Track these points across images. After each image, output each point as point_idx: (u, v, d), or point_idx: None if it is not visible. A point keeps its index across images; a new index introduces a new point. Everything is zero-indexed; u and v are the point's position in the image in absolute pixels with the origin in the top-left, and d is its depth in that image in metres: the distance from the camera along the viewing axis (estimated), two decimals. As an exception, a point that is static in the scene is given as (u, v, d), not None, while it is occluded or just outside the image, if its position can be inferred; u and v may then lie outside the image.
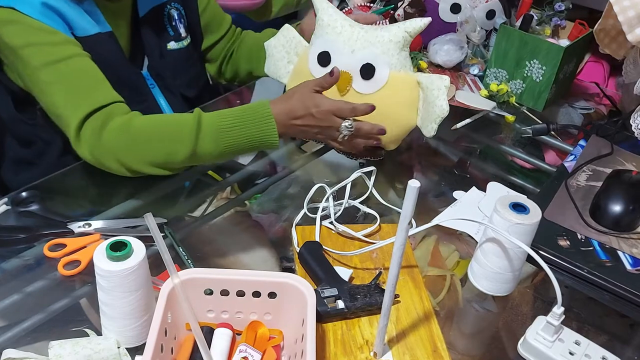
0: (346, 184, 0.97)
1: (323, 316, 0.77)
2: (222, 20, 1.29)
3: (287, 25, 1.11)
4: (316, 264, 0.83)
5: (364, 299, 0.78)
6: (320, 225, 0.93)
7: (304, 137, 1.08)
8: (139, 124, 0.94)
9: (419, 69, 1.36)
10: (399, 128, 1.04)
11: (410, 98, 1.02)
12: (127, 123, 0.93)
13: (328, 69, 1.03)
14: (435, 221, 0.93)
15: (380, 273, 0.83)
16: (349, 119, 0.96)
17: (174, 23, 1.19)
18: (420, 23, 0.99)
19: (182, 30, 1.20)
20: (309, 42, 1.09)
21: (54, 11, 0.97)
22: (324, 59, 1.04)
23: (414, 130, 1.06)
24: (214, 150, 0.93)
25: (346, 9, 1.39)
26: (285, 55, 1.12)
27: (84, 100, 0.94)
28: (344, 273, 0.84)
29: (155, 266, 0.75)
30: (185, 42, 1.21)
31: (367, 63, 1.01)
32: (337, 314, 0.77)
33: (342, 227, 0.92)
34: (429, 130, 1.01)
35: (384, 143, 1.07)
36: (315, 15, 1.08)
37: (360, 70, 1.01)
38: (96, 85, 0.97)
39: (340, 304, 0.78)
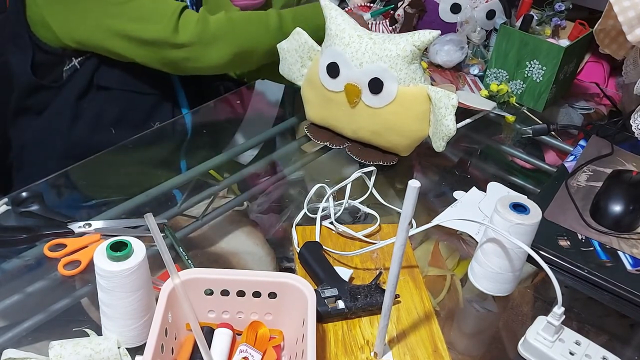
0: (346, 184, 0.97)
1: (323, 316, 0.77)
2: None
3: (298, 29, 1.11)
4: (316, 264, 0.83)
5: (365, 299, 0.78)
6: (321, 225, 0.93)
7: None
8: (235, 16, 1.12)
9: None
10: (410, 140, 1.05)
11: (421, 111, 1.02)
12: (225, 15, 1.10)
13: (337, 81, 1.04)
14: (435, 221, 0.94)
15: (380, 273, 0.83)
16: None
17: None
18: (429, 36, 0.97)
19: None
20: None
21: None
22: (332, 70, 1.04)
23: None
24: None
25: (346, 9, 1.39)
26: (299, 60, 1.12)
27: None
28: (344, 273, 0.84)
29: (156, 266, 0.75)
30: None
31: (375, 77, 1.00)
32: (337, 314, 0.77)
33: (342, 227, 0.92)
34: (438, 146, 1.02)
35: (396, 151, 1.07)
36: None
37: (368, 84, 1.01)
38: None
39: (341, 304, 0.78)
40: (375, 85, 1.01)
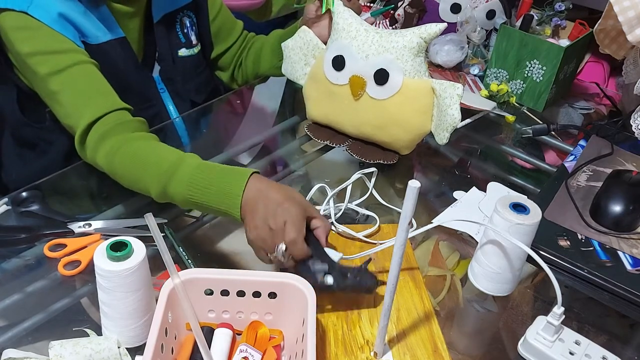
0: (347, 186, 0.97)
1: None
2: (233, 28, 1.29)
3: (304, 28, 1.11)
4: (306, 241, 0.78)
5: (354, 279, 0.77)
6: (321, 225, 0.92)
7: (249, 233, 0.81)
8: (120, 159, 0.89)
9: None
10: (412, 134, 1.05)
11: (424, 104, 1.02)
12: (113, 151, 0.90)
13: (342, 74, 1.04)
14: (435, 221, 0.94)
15: (370, 259, 0.82)
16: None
17: (185, 30, 1.20)
18: (435, 28, 0.98)
19: (193, 38, 1.22)
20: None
21: (69, 21, 0.97)
22: (338, 63, 1.04)
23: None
24: (181, 200, 0.85)
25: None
26: (303, 58, 1.12)
27: (87, 108, 0.94)
28: (334, 255, 0.82)
29: (156, 266, 0.75)
30: (195, 50, 1.22)
31: (381, 68, 1.01)
32: (325, 289, 0.76)
33: (342, 228, 0.92)
34: (441, 138, 1.02)
35: (398, 148, 1.07)
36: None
37: (373, 76, 1.02)
38: (98, 92, 0.96)
39: (330, 279, 0.76)
40: (381, 76, 1.01)
